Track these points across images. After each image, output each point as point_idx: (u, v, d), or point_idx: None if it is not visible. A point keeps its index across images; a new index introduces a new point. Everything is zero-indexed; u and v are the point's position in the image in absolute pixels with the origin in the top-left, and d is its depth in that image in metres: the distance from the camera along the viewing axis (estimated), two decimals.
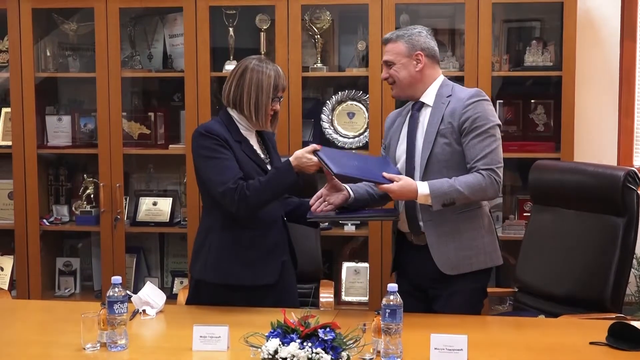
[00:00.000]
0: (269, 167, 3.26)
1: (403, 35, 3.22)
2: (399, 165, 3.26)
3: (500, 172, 3.14)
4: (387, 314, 2.57)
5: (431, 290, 3.24)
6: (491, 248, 3.26)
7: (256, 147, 3.28)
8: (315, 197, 3.24)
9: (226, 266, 3.18)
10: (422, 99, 3.25)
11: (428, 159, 3.15)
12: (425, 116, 3.23)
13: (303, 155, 3.12)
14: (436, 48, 3.27)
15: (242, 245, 3.19)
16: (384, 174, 3.08)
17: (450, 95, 3.21)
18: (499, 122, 3.20)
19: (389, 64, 3.24)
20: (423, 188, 3.07)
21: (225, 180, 3.10)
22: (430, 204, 3.07)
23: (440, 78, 3.28)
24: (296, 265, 3.39)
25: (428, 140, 3.16)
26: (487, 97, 3.22)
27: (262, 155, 3.29)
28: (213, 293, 3.21)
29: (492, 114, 3.18)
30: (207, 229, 3.27)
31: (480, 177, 3.09)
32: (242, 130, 3.24)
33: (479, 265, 3.22)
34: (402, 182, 3.07)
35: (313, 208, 3.21)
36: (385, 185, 3.07)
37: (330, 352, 2.34)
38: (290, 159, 3.12)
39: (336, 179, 3.18)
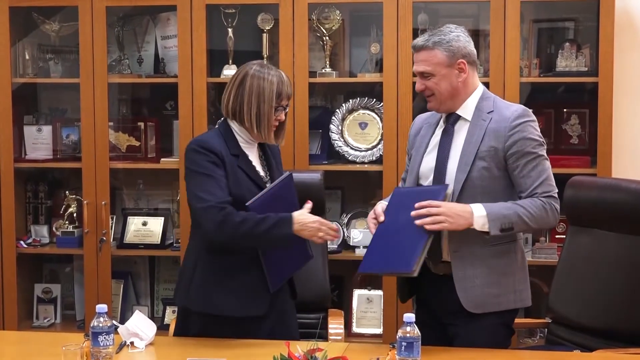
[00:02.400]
0: (267, 185, 3.25)
1: (441, 42, 3.11)
2: (424, 185, 3.23)
3: (558, 198, 3.13)
4: (403, 347, 2.57)
5: (451, 328, 3.21)
6: (522, 286, 3.23)
7: (256, 162, 3.28)
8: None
9: (211, 294, 3.18)
10: (459, 112, 3.19)
11: (464, 184, 3.09)
12: (461, 132, 3.18)
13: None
14: (475, 51, 3.21)
15: (230, 271, 3.18)
16: (420, 204, 3.02)
17: (492, 112, 3.15)
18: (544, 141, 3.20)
19: (426, 76, 3.14)
20: (478, 209, 3.02)
21: (210, 198, 3.09)
22: (488, 229, 3.02)
23: (480, 88, 3.23)
24: (295, 294, 3.39)
25: (465, 162, 3.10)
26: (534, 117, 3.17)
27: (262, 173, 3.28)
28: (200, 322, 3.21)
29: (539, 135, 3.16)
30: (192, 251, 3.28)
31: (540, 203, 3.06)
32: (241, 144, 3.25)
33: (507, 304, 3.18)
34: (450, 204, 3.03)
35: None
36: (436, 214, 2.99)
37: None
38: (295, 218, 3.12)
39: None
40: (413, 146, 3.34)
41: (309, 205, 3.18)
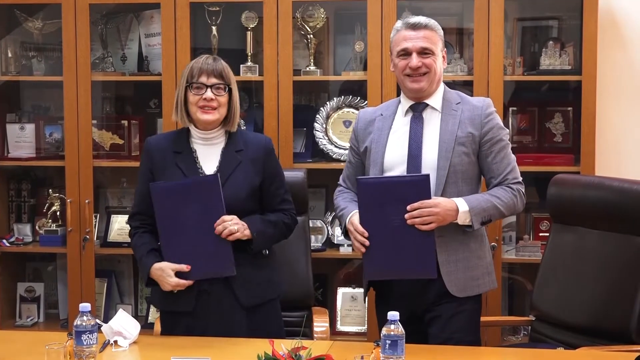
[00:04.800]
0: None
1: (437, 27, 3.27)
2: (396, 174, 3.25)
3: (523, 183, 3.28)
4: (387, 345, 2.57)
5: (428, 314, 3.25)
6: (491, 268, 3.35)
7: (205, 160, 3.27)
8: None
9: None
10: (428, 101, 3.27)
11: (448, 170, 3.17)
12: (431, 121, 3.25)
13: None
14: None
15: None
16: (412, 205, 3.05)
17: (460, 103, 3.27)
18: None
19: (426, 53, 3.22)
20: (461, 204, 3.12)
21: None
22: (470, 222, 3.13)
23: (442, 83, 3.34)
24: (240, 300, 3.25)
25: (445, 149, 3.18)
26: None
27: (204, 169, 3.25)
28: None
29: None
30: None
31: (511, 191, 3.21)
32: (194, 140, 3.29)
33: (484, 286, 3.30)
34: (440, 200, 3.10)
35: None
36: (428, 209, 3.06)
37: None
38: (155, 267, 3.19)
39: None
40: (361, 140, 3.37)
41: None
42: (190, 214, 3.14)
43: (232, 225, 3.13)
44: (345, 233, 3.28)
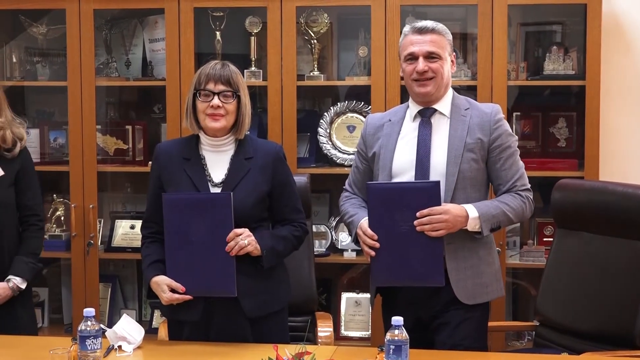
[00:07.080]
0: (214, 190, 3.19)
1: (445, 32, 3.25)
2: (404, 180, 3.23)
3: (531, 190, 3.27)
4: (391, 350, 2.57)
5: (436, 321, 3.23)
6: (500, 275, 3.34)
7: (214, 167, 3.23)
8: None
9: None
10: (436, 106, 3.25)
11: (457, 177, 3.16)
12: (440, 127, 3.23)
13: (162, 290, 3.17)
14: None
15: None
16: (422, 212, 3.04)
17: (469, 109, 3.25)
18: None
19: (433, 57, 3.19)
20: (471, 211, 3.10)
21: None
22: (479, 229, 3.11)
23: (451, 88, 3.31)
24: (243, 311, 3.21)
25: (454, 155, 3.17)
26: None
27: (213, 176, 3.22)
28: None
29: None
30: None
31: (520, 198, 3.20)
32: (203, 146, 3.26)
33: (494, 294, 3.28)
34: (450, 207, 3.08)
35: None
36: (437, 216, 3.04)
37: None
38: (153, 280, 3.18)
39: None
40: (370, 145, 3.34)
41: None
42: (197, 229, 3.11)
43: (244, 239, 3.10)
44: (356, 240, 3.26)
